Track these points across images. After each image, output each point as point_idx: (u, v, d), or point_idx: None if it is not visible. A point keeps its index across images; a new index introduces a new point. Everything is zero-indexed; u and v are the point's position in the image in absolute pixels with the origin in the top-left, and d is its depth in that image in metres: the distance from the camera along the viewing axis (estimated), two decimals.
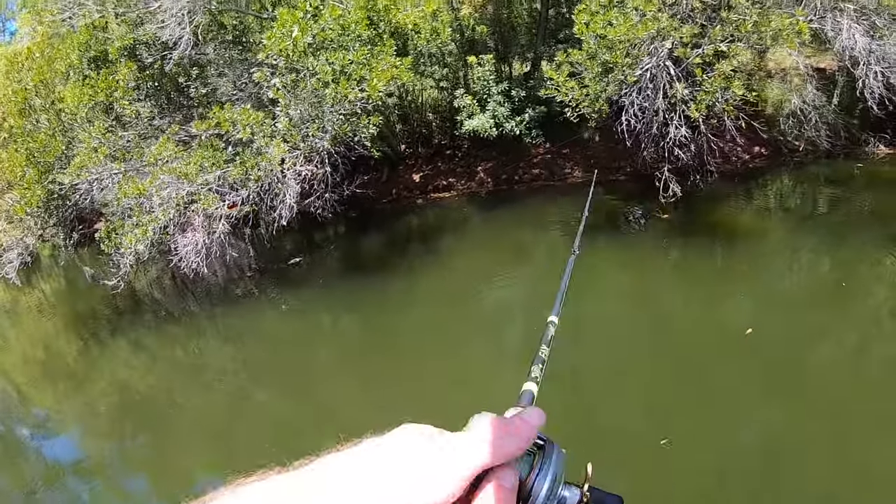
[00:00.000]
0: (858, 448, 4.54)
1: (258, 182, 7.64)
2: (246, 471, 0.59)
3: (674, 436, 4.83)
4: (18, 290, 16.27)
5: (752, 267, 8.28)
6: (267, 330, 8.96)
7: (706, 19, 9.37)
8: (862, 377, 5.50)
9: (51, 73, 11.39)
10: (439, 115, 13.61)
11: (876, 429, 4.66)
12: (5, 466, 7.02)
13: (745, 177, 12.91)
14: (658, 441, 4.75)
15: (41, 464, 6.94)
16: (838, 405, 5.04)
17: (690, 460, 4.65)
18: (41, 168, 10.77)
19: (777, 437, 4.88)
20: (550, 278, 6.88)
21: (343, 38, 7.86)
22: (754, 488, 4.40)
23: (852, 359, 5.89)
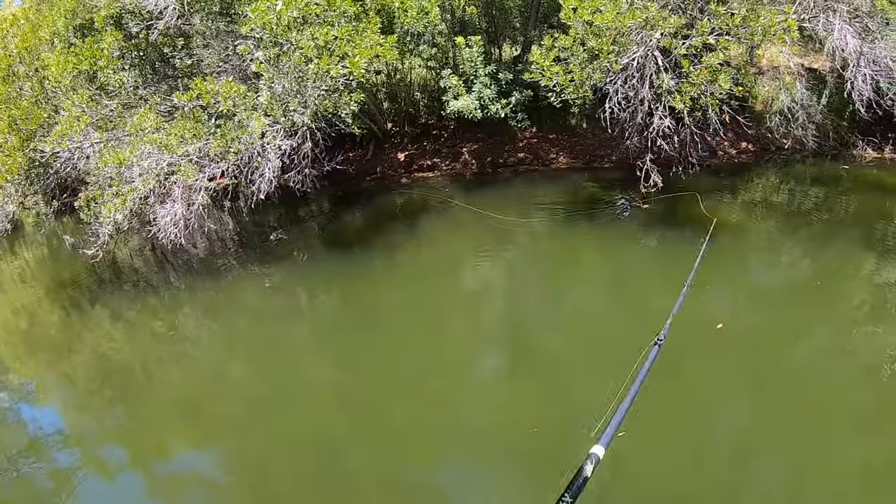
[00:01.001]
0: (824, 442, 4.69)
1: (238, 155, 7.65)
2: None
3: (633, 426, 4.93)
4: (1, 259, 16.20)
5: (729, 261, 8.38)
6: (246, 303, 9.00)
7: (698, 10, 9.39)
8: (831, 374, 5.65)
9: (35, 41, 11.28)
10: (427, 94, 13.58)
11: (841, 425, 4.83)
12: None
13: (730, 171, 12.99)
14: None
15: (19, 431, 6.97)
16: (805, 401, 5.18)
17: (650, 451, 4.74)
18: (23, 135, 10.69)
19: (741, 431, 5.03)
20: (530, 261, 7.07)
21: (328, 13, 7.83)
22: (717, 479, 4.52)
23: (821, 356, 6.03)
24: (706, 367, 5.86)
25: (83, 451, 6.31)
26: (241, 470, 5.57)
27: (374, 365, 6.67)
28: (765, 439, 4.82)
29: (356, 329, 7.60)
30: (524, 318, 7.77)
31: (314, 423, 5.88)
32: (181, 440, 6.20)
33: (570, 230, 9.96)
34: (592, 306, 7.74)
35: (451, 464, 5.22)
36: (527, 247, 9.66)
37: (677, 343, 6.15)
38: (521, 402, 5.71)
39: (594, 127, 12.36)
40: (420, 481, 5.11)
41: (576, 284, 8.38)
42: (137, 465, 5.91)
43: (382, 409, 5.91)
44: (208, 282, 9.70)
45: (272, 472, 5.32)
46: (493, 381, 6.40)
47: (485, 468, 5.06)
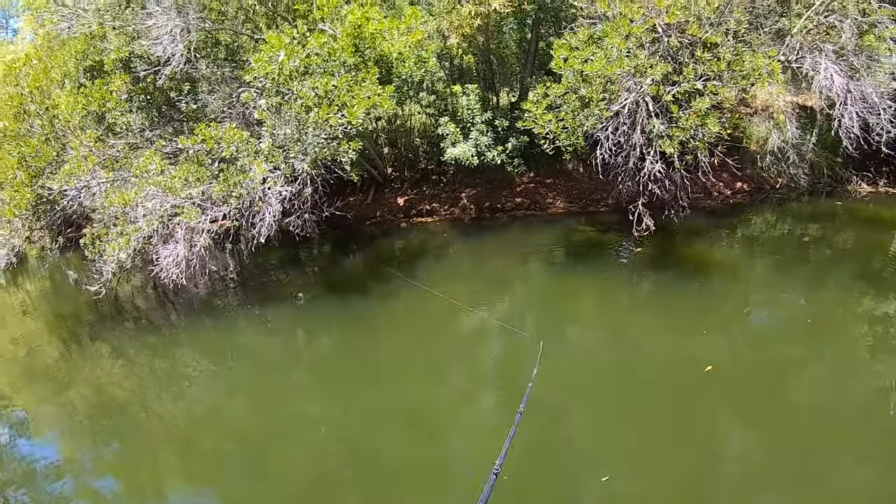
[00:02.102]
0: (824, 480, 4.75)
1: (240, 199, 7.88)
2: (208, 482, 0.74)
3: (617, 469, 5.04)
4: (3, 290, 16.38)
5: (721, 302, 8.53)
6: (245, 344, 9.12)
7: (689, 56, 9.70)
8: (819, 413, 5.71)
9: (47, 81, 11.63)
10: (426, 140, 13.89)
11: (828, 466, 4.89)
12: None
13: (726, 212, 13.21)
14: (599, 478, 4.95)
15: (13, 462, 6.96)
16: (792, 441, 5.24)
17: (632, 496, 4.84)
18: (32, 172, 10.96)
19: (728, 474, 5.07)
20: (527, 309, 7.23)
21: (328, 63, 8.15)
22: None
23: (810, 396, 6.10)
24: (695, 410, 5.95)
25: (77, 483, 6.34)
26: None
27: (369, 407, 6.75)
28: (763, 477, 4.89)
29: (352, 372, 7.68)
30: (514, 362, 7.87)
31: (308, 462, 5.95)
32: (176, 476, 6.25)
33: (566, 275, 10.14)
34: (586, 349, 7.86)
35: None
36: (521, 293, 9.81)
37: (670, 386, 6.33)
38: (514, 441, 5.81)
39: (590, 171, 12.63)
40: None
41: (567, 330, 8.49)
42: (131, 500, 5.96)
43: (377, 450, 5.98)
44: (208, 321, 9.84)
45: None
46: (487, 422, 6.47)
47: None
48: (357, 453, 5.97)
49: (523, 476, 5.02)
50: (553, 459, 5.43)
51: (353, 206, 14.16)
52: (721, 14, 9.57)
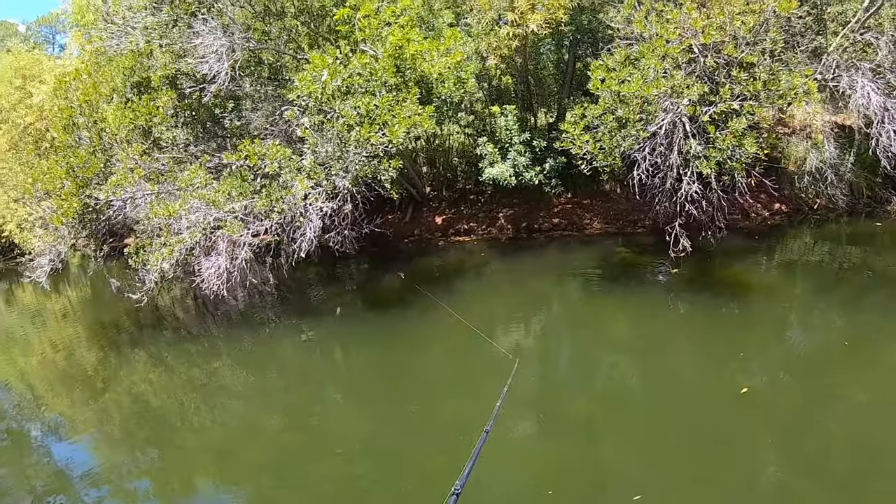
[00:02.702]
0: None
1: (281, 214, 8.06)
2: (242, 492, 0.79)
3: (649, 490, 4.98)
4: (46, 296, 16.91)
5: (758, 325, 8.41)
6: (281, 357, 9.26)
7: (725, 76, 9.66)
8: (856, 442, 5.54)
9: (96, 95, 12.02)
10: (465, 159, 14.01)
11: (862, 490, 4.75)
12: (14, 465, 7.18)
13: (764, 234, 13.03)
14: (632, 497, 4.90)
15: (49, 466, 7.08)
16: (826, 470, 5.12)
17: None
18: (79, 182, 11.32)
19: (763, 498, 4.97)
20: (564, 328, 7.20)
21: (370, 83, 8.31)
22: None
23: (847, 424, 5.96)
24: (729, 432, 5.87)
25: (112, 487, 6.42)
26: None
27: (398, 422, 6.77)
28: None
29: (385, 387, 7.73)
30: (551, 380, 7.87)
31: (341, 473, 5.99)
32: (209, 484, 6.33)
33: (602, 296, 10.11)
34: (622, 371, 7.82)
35: None
36: (559, 312, 9.80)
37: (704, 407, 6.25)
38: (545, 463, 5.78)
39: (627, 192, 12.61)
40: None
41: (606, 351, 8.46)
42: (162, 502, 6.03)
43: (409, 463, 6.01)
44: (246, 333, 10.01)
45: None
46: (520, 442, 6.47)
47: None
48: (384, 467, 6.00)
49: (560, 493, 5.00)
50: (586, 478, 5.42)
51: (392, 224, 14.33)
52: (757, 34, 9.53)
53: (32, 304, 17.34)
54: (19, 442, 8.03)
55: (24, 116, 21.54)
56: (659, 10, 9.39)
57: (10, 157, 21.97)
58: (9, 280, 21.88)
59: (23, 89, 22.43)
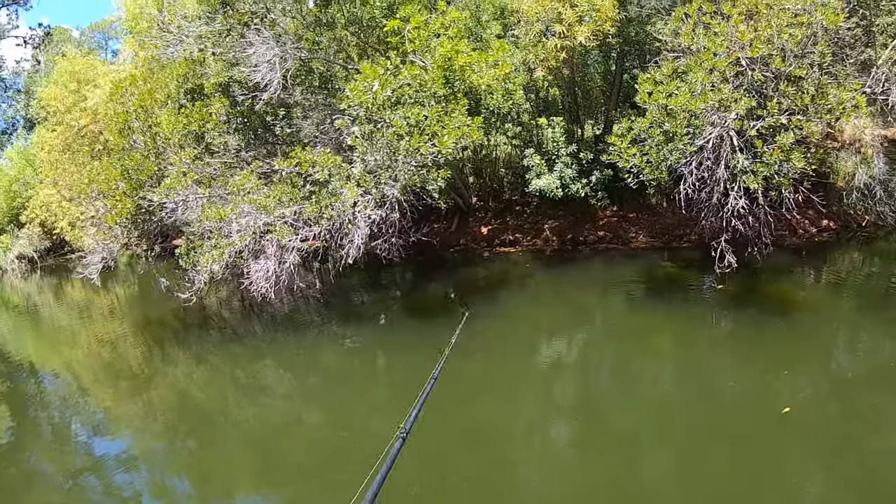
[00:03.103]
0: None
1: (330, 221, 8.25)
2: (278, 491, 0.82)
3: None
4: (94, 292, 17.53)
5: (804, 344, 8.25)
6: (324, 360, 9.43)
7: (773, 89, 9.54)
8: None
9: (151, 101, 12.48)
10: (511, 171, 14.09)
11: None
12: (54, 453, 7.40)
13: (811, 250, 12.76)
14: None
15: (88, 455, 7.29)
16: (866, 491, 4.98)
17: None
18: (133, 184, 11.75)
19: None
20: (606, 340, 7.16)
21: (419, 94, 8.45)
22: None
23: (890, 446, 5.82)
24: (770, 452, 5.78)
25: (147, 477, 6.59)
26: None
27: (442, 426, 6.76)
28: None
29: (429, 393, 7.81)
30: (591, 392, 7.86)
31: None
32: (245, 481, 6.37)
33: (646, 310, 10.05)
34: (664, 386, 7.77)
35: None
36: (602, 325, 9.77)
37: (745, 424, 6.17)
38: (583, 473, 5.78)
39: (673, 206, 12.50)
40: None
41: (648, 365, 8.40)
42: (197, 499, 6.15)
43: (449, 469, 6.04)
44: (290, 336, 10.22)
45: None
46: (558, 452, 6.46)
47: None
48: (425, 472, 6.01)
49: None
50: (623, 493, 5.38)
51: (437, 233, 14.49)
52: (804, 47, 9.39)
53: (81, 300, 18.02)
54: (60, 429, 8.30)
55: (79, 119, 22.43)
56: (706, 23, 9.34)
57: (65, 159, 22.92)
58: (58, 276, 22.78)
59: (77, 93, 23.36)
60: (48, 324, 15.64)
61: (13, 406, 9.09)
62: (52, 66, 30.42)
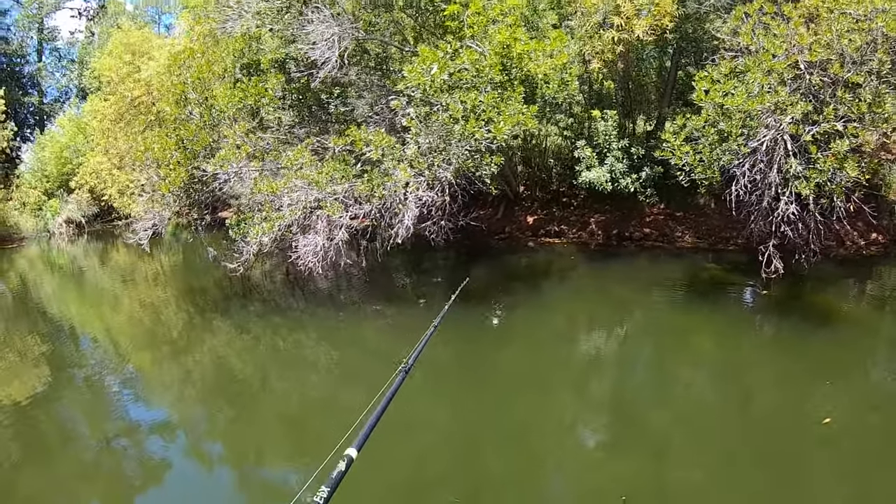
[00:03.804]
0: None
1: (381, 200, 8.39)
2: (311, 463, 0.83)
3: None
4: (139, 258, 18.05)
5: (848, 356, 8.13)
6: (363, 337, 9.58)
7: (830, 95, 9.36)
8: None
9: (209, 73, 12.77)
10: (560, 162, 14.07)
11: None
12: (91, 415, 7.48)
13: (857, 263, 12.52)
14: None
15: (124, 418, 7.38)
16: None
17: None
18: (188, 154, 12.06)
19: None
20: (645, 338, 7.11)
21: (476, 79, 8.52)
22: None
23: None
24: (809, 460, 5.74)
25: (181, 441, 6.73)
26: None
27: (473, 412, 6.89)
28: None
29: (463, 378, 7.89)
30: (627, 390, 7.86)
31: (410, 461, 6.00)
32: (279, 450, 6.44)
33: (688, 310, 10.01)
34: (700, 387, 7.74)
35: None
36: (642, 322, 9.75)
37: (780, 433, 6.11)
38: (614, 470, 5.76)
39: (721, 208, 12.33)
40: None
41: (686, 365, 8.38)
42: (230, 466, 6.24)
43: (480, 457, 6.05)
44: (332, 311, 10.40)
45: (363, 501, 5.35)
46: (586, 445, 6.48)
47: None
48: (458, 458, 6.04)
49: None
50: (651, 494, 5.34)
51: (483, 220, 14.54)
52: (864, 53, 9.17)
53: (125, 264, 18.54)
54: (98, 392, 8.38)
55: (132, 90, 23.05)
56: (766, 24, 9.19)
57: (116, 128, 23.61)
58: (104, 241, 23.50)
59: (131, 64, 23.99)
60: (92, 287, 16.05)
61: (53, 366, 9.27)
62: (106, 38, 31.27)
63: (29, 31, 35.85)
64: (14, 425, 7.11)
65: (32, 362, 9.52)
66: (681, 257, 12.68)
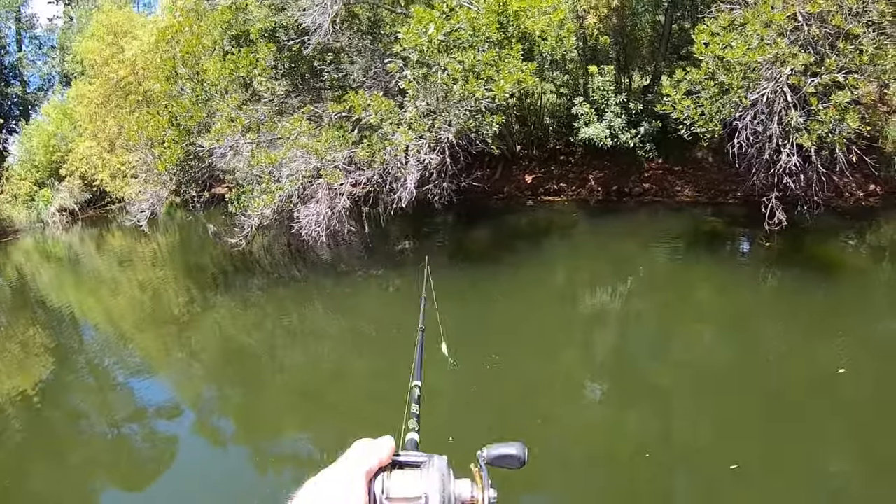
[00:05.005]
0: None
1: (383, 165, 8.30)
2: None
3: (746, 462, 4.83)
4: (135, 240, 17.91)
5: (853, 305, 8.17)
6: (367, 306, 9.57)
7: (828, 47, 9.28)
8: None
9: (199, 46, 12.50)
10: (556, 119, 13.94)
11: None
12: (98, 402, 7.46)
13: (856, 214, 12.54)
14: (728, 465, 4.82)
15: (128, 399, 7.37)
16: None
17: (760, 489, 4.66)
18: (182, 130, 11.87)
19: (852, 481, 4.82)
20: (649, 292, 7.02)
21: (473, 38, 8.37)
22: None
23: None
24: (820, 409, 5.76)
25: (189, 421, 6.73)
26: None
27: (484, 376, 6.78)
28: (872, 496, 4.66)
29: (470, 340, 7.74)
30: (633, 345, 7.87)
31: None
32: (290, 423, 6.42)
33: (691, 264, 10.01)
34: (701, 342, 7.73)
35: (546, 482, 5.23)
36: (645, 277, 9.76)
37: (794, 383, 6.12)
38: (620, 427, 5.76)
39: (720, 161, 12.28)
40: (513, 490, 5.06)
41: (690, 320, 8.39)
42: (244, 442, 6.22)
43: (491, 419, 5.98)
44: (335, 281, 10.36)
45: None
46: (599, 404, 6.45)
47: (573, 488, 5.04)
48: (467, 420, 5.97)
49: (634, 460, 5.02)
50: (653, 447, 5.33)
51: (482, 181, 14.47)
52: (864, 4, 9.06)
53: (122, 248, 18.41)
54: (103, 378, 8.35)
55: (117, 71, 22.57)
56: None
57: (104, 111, 23.19)
58: (99, 226, 23.28)
59: (115, 45, 23.45)
60: (91, 273, 15.94)
61: (56, 355, 9.24)
62: (86, 21, 30.54)
63: (6, 21, 35.00)
64: (23, 416, 7.10)
65: (36, 353, 9.48)
66: (681, 211, 12.68)
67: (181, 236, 18.17)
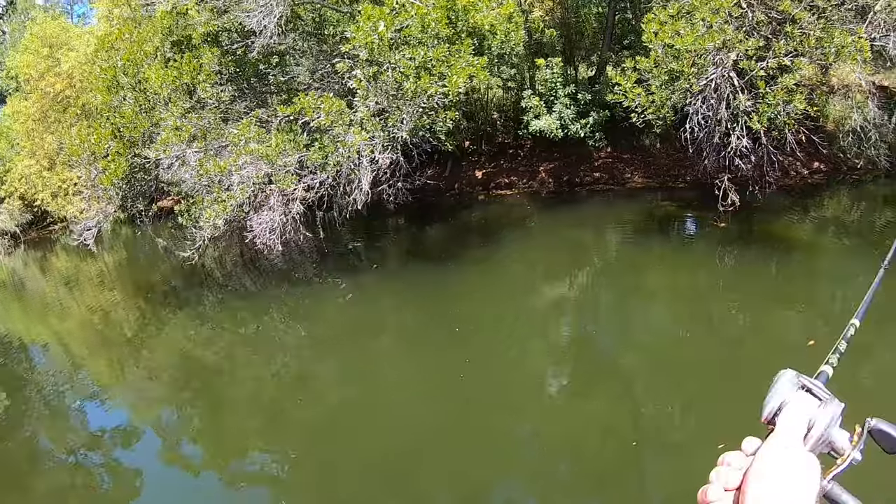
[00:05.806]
0: None
1: (336, 167, 8.09)
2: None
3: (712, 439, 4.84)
4: (81, 261, 17.13)
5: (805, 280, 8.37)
6: (324, 312, 9.38)
7: (771, 32, 9.51)
8: None
9: (140, 54, 11.99)
10: (504, 114, 13.95)
11: None
12: (54, 432, 7.17)
13: (803, 192, 12.93)
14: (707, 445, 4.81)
15: (84, 427, 7.14)
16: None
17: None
18: (126, 142, 11.37)
19: None
20: (607, 278, 7.04)
21: (423, 35, 8.24)
22: None
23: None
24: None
25: (159, 444, 6.48)
26: (311, 472, 5.50)
27: (449, 373, 6.74)
28: None
29: (430, 338, 7.80)
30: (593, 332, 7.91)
31: (386, 423, 5.88)
32: (255, 439, 6.22)
33: (647, 248, 10.09)
34: (660, 322, 7.81)
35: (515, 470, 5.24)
36: (601, 264, 9.83)
37: (769, 360, 6.22)
38: (584, 412, 5.77)
39: (668, 147, 12.47)
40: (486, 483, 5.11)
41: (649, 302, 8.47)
42: (212, 463, 5.99)
43: (462, 414, 5.93)
44: (290, 289, 10.11)
45: (342, 470, 5.24)
46: (551, 389, 6.50)
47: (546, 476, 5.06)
48: (437, 417, 5.93)
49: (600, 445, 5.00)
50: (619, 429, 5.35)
51: (431, 179, 14.38)
52: None
53: (69, 270, 17.58)
54: (56, 407, 8.05)
55: (54, 84, 21.60)
56: None
57: (41, 128, 22.14)
58: (43, 248, 22.24)
59: (50, 57, 22.43)
60: (37, 297, 15.24)
61: (6, 385, 8.84)
62: (19, 35, 29.21)
63: None
64: None
65: None
66: (633, 198, 12.85)
67: (129, 253, 17.49)
